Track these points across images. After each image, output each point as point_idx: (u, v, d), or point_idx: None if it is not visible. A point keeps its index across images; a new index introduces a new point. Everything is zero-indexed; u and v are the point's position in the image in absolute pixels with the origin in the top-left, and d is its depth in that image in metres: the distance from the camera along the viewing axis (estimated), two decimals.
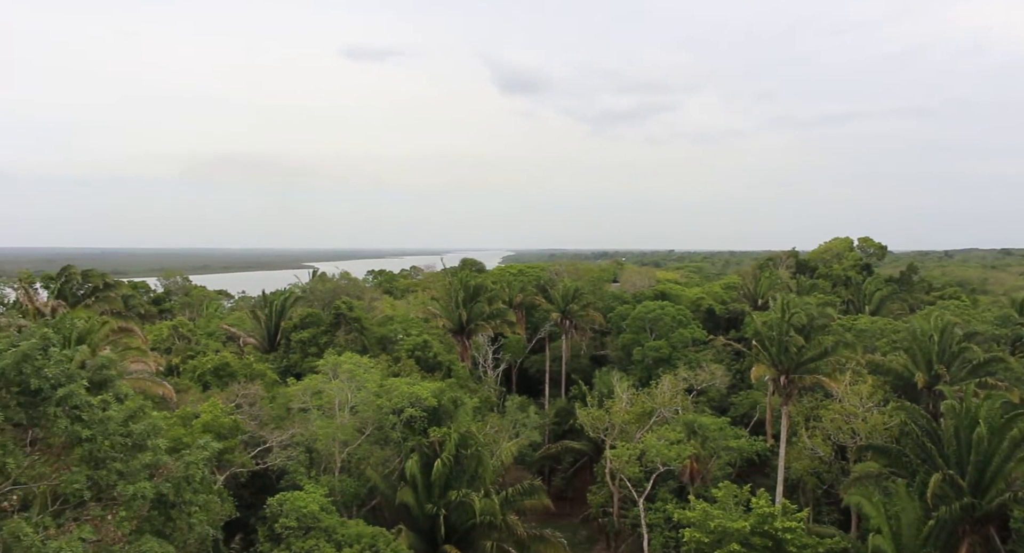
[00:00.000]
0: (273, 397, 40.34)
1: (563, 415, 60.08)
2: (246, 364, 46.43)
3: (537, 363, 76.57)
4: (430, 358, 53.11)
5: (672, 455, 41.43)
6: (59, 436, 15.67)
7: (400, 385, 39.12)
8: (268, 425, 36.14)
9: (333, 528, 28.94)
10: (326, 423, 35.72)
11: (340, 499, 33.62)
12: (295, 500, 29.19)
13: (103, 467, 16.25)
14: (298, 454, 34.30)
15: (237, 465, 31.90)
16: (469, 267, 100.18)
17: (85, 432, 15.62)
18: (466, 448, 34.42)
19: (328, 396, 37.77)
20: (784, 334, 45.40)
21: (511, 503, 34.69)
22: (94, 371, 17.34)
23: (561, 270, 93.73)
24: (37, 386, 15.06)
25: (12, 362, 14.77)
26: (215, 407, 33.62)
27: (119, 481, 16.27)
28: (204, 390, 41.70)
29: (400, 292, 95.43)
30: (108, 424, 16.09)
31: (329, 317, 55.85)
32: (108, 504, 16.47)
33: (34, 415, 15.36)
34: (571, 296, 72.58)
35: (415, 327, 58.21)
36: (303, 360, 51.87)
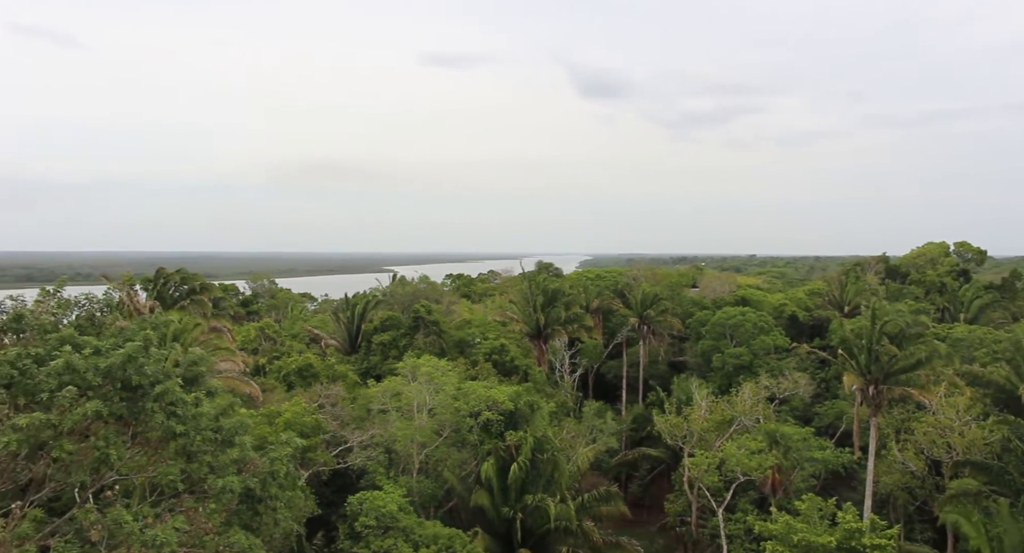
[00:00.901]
0: (354, 398, 41.27)
1: (640, 421, 59.34)
2: (328, 365, 47.71)
3: (614, 368, 75.91)
4: (507, 362, 53.34)
5: (753, 465, 40.34)
6: (156, 430, 16.49)
7: (477, 388, 39.43)
8: (349, 425, 36.99)
9: (411, 528, 29.37)
10: (405, 424, 36.30)
11: (418, 500, 34.09)
12: (374, 499, 29.78)
13: (195, 461, 17.01)
14: (377, 454, 34.97)
15: (319, 463, 32.76)
16: (546, 271, 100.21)
17: (179, 427, 16.38)
18: (542, 452, 34.39)
19: (407, 398, 38.38)
20: (874, 342, 43.62)
21: (587, 509, 34.46)
22: (187, 368, 18.17)
23: (639, 275, 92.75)
24: (138, 382, 15.91)
25: (119, 361, 15.66)
26: (298, 406, 34.67)
27: (209, 475, 17.00)
28: (288, 390, 43.05)
29: (478, 296, 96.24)
30: (200, 420, 16.83)
31: (408, 320, 56.79)
32: (199, 496, 17.23)
33: (134, 410, 16.23)
34: (649, 301, 71.69)
35: (492, 331, 58.59)
36: (383, 362, 52.87)
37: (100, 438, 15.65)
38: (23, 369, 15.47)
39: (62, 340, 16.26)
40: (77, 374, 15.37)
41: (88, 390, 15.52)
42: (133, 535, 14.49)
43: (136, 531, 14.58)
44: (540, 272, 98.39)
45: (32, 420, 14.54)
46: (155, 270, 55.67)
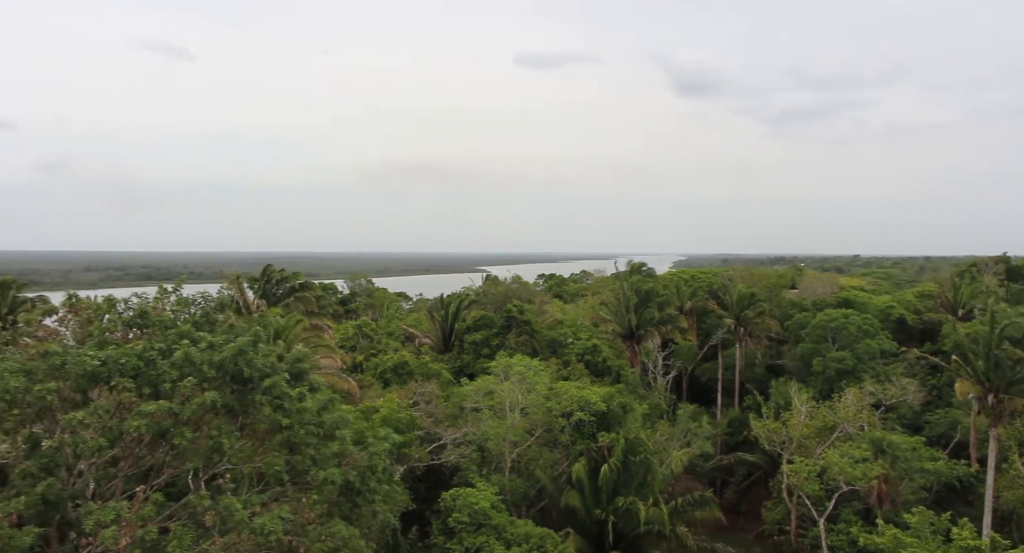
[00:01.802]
0: (447, 396, 41.91)
1: (736, 426, 57.85)
2: (423, 363, 48.63)
3: (709, 371, 74.28)
4: (599, 363, 53.02)
5: (857, 474, 38.64)
6: (263, 422, 17.31)
7: (569, 388, 39.38)
8: (443, 422, 37.60)
9: (503, 526, 29.61)
10: (497, 423, 36.63)
11: (509, 498, 34.33)
12: (467, 496, 30.18)
13: (298, 453, 17.76)
14: (470, 452, 35.42)
15: (414, 459, 33.46)
16: (639, 271, 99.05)
17: (285, 420, 17.14)
18: (635, 454, 34.02)
19: (499, 397, 38.71)
20: (993, 347, 41.01)
21: (680, 513, 33.86)
22: (291, 364, 18.97)
23: (735, 275, 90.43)
24: (248, 376, 16.77)
25: (231, 355, 16.57)
26: (393, 403, 35.53)
27: (312, 467, 17.71)
28: (384, 387, 44.11)
29: (570, 296, 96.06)
30: (304, 414, 17.56)
31: (501, 320, 57.22)
32: (302, 487, 17.97)
33: (244, 402, 17.10)
34: (746, 302, 69.80)
35: (584, 331, 58.37)
36: (475, 361, 53.43)
37: (213, 428, 16.56)
38: (148, 361, 16.55)
39: (181, 335, 17.31)
40: (195, 366, 16.34)
41: (204, 382, 16.46)
42: (243, 522, 15.27)
43: (246, 518, 15.35)
44: (633, 272, 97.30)
45: (158, 407, 15.56)
46: (261, 269, 58.22)
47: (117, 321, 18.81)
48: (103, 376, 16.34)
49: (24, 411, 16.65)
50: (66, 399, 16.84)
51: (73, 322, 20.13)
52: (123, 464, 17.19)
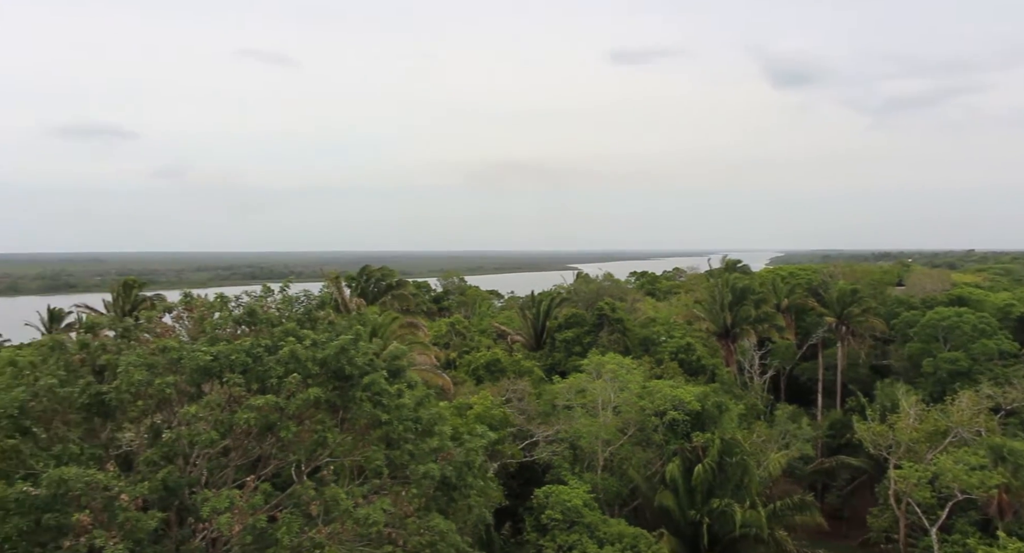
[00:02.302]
0: (539, 393, 42.11)
1: (838, 428, 55.64)
2: (515, 361, 49.04)
3: (808, 371, 71.71)
4: (693, 361, 52.12)
5: (974, 482, 36.47)
6: (362, 418, 17.96)
7: (663, 387, 38.90)
8: (535, 420, 37.83)
9: (595, 525, 29.56)
10: (589, 421, 36.57)
11: (602, 497, 34.23)
12: (560, 494, 30.28)
13: (397, 448, 18.31)
14: (562, 450, 35.50)
15: (507, 456, 33.83)
16: (734, 268, 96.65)
17: (384, 416, 17.73)
18: (730, 455, 33.29)
19: (591, 395, 38.63)
20: None
21: (779, 517, 32.92)
22: (390, 361, 19.58)
23: (836, 272, 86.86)
24: (349, 372, 17.44)
25: (333, 353, 17.29)
26: (487, 400, 36.00)
27: (410, 461, 18.23)
28: (477, 383, 44.73)
29: (662, 294, 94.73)
30: (402, 410, 18.10)
31: (592, 318, 57.06)
32: (401, 481, 18.53)
33: (344, 398, 17.80)
34: (848, 299, 67.00)
35: (678, 329, 57.49)
36: (567, 359, 53.49)
37: (317, 422, 17.31)
38: (256, 357, 17.44)
39: (286, 332, 18.14)
40: (299, 363, 17.11)
41: (308, 378, 17.22)
42: (347, 512, 15.91)
43: (349, 509, 15.99)
44: (727, 269, 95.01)
45: (266, 402, 16.39)
46: (359, 268, 60.06)
47: (228, 318, 19.87)
48: (215, 371, 17.31)
49: (146, 402, 17.84)
50: (182, 392, 17.93)
51: (187, 319, 21.41)
52: (233, 455, 18.17)
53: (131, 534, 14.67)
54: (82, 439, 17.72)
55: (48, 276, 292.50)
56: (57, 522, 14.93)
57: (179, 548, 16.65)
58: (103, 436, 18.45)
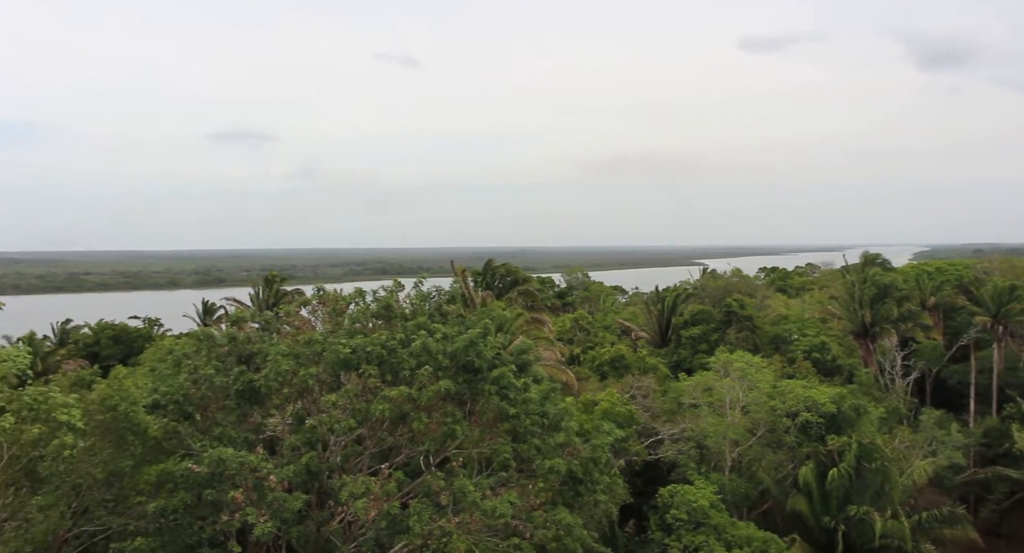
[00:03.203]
0: (665, 391, 41.53)
1: (994, 436, 51.44)
2: (639, 357, 48.54)
3: (958, 374, 66.69)
4: (828, 361, 49.83)
5: None
6: (491, 411, 18.40)
7: (795, 387, 37.40)
8: (660, 418, 37.34)
9: (723, 526, 28.86)
10: (716, 421, 35.71)
11: (730, 498, 33.35)
12: (685, 493, 29.76)
13: (524, 441, 18.62)
14: (688, 449, 34.87)
15: (632, 453, 33.59)
16: (873, 263, 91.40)
17: (511, 409, 18.08)
18: (869, 461, 31.58)
19: (718, 394, 37.71)
20: None
21: (925, 530, 30.93)
22: (516, 356, 19.93)
23: (991, 267, 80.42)
24: (478, 366, 17.92)
25: (463, 347, 17.82)
26: (612, 396, 35.84)
27: (537, 456, 18.50)
28: (601, 380, 44.62)
29: (794, 290, 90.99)
30: (528, 404, 18.40)
31: (720, 314, 55.65)
32: (527, 475, 18.84)
33: (473, 391, 18.29)
34: (1006, 297, 61.77)
35: (811, 328, 55.05)
36: (693, 356, 52.45)
37: (446, 414, 17.88)
38: (390, 350, 18.22)
39: (418, 326, 18.84)
40: (431, 356, 17.74)
41: (438, 370, 17.82)
42: (475, 503, 16.37)
43: (478, 500, 16.44)
44: (866, 264, 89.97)
45: (400, 393, 17.11)
46: (483, 263, 61.17)
47: (365, 312, 20.85)
48: (353, 363, 18.21)
49: (290, 391, 19.04)
50: (323, 382, 19.00)
51: (322, 312, 22.64)
52: (368, 443, 19.07)
53: (278, 513, 15.72)
54: (234, 424, 19.14)
55: (202, 271, 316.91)
56: (215, 498, 16.24)
57: (319, 529, 17.67)
58: (252, 421, 19.85)
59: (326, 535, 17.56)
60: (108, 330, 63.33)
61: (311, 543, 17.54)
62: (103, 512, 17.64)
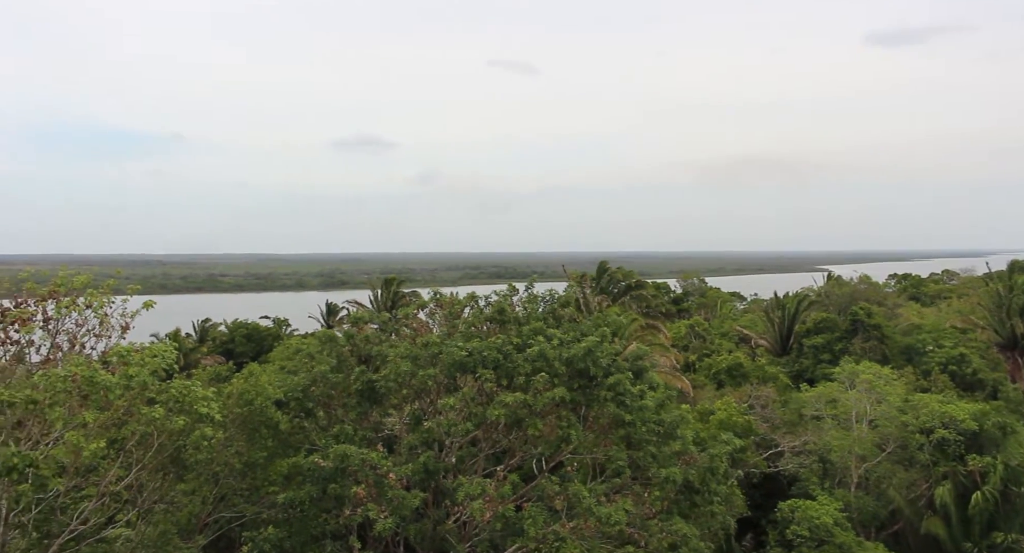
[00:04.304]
0: (785, 401, 40.06)
1: None
2: (758, 366, 47.04)
3: None
4: (967, 375, 46.56)
5: None
6: (605, 417, 18.33)
7: (930, 402, 35.10)
8: (779, 429, 36.02)
9: (849, 546, 27.47)
10: (841, 434, 34.05)
11: (856, 517, 31.69)
12: (808, 509, 28.55)
13: (639, 449, 18.42)
14: (810, 462, 33.44)
15: (750, 465, 32.55)
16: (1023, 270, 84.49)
17: (627, 416, 17.93)
18: (1018, 485, 29.25)
19: (844, 406, 35.95)
20: None
21: None
22: (632, 362, 19.75)
23: None
24: (594, 372, 17.90)
25: (580, 353, 17.88)
26: (729, 405, 34.85)
27: (652, 464, 18.26)
28: (717, 388, 43.54)
29: (929, 299, 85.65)
30: (644, 411, 18.18)
31: (845, 323, 53.22)
32: (642, 482, 18.63)
33: (588, 397, 18.28)
34: None
35: (948, 338, 51.59)
36: (815, 366, 50.38)
37: (561, 419, 17.95)
38: (506, 355, 18.50)
39: (534, 331, 19.03)
40: (547, 362, 17.87)
41: (554, 377, 17.92)
42: (589, 509, 16.35)
43: (592, 506, 16.41)
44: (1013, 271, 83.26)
45: (515, 399, 17.34)
46: (596, 268, 60.88)
47: (480, 316, 21.26)
48: (469, 366, 18.60)
49: (408, 392, 19.66)
50: (439, 384, 19.50)
51: (439, 315, 23.24)
52: (483, 445, 19.41)
53: (397, 510, 16.26)
54: (355, 422, 19.95)
55: (326, 274, 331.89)
56: (338, 493, 17.00)
57: (436, 527, 18.13)
58: (371, 420, 20.63)
59: (442, 534, 17.99)
60: (242, 329, 67.45)
61: (427, 541, 18.02)
62: (239, 500, 18.83)
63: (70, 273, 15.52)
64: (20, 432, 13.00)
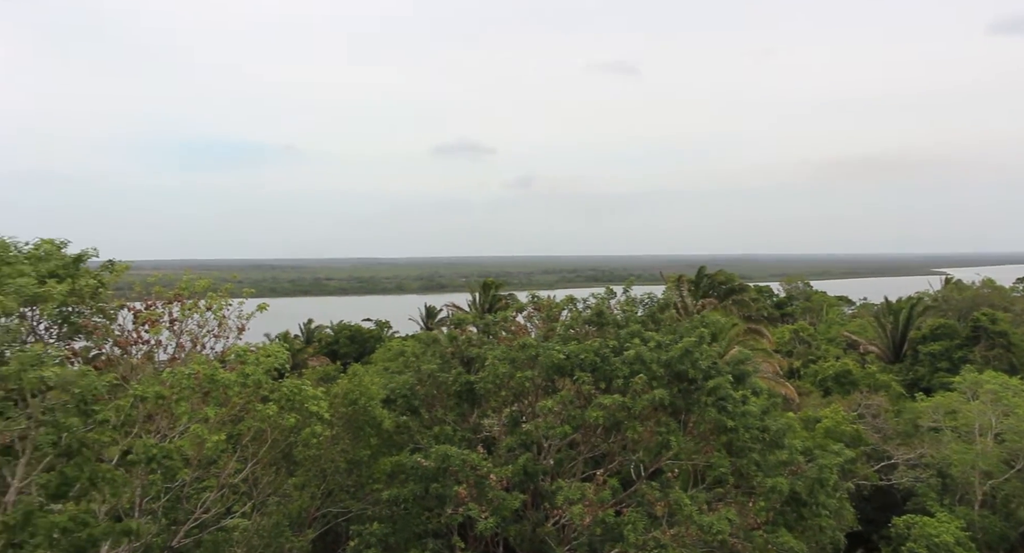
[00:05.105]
0: (898, 411, 38.14)
1: None
2: (868, 373, 44.95)
3: None
4: None
5: None
6: (706, 423, 17.96)
7: None
8: (892, 440, 34.33)
9: None
10: (963, 448, 32.04)
11: (980, 537, 29.76)
12: (925, 526, 27.04)
13: (742, 456, 17.95)
14: (928, 477, 31.65)
15: (860, 477, 31.15)
16: None
17: (729, 422, 17.53)
18: None
19: (965, 418, 33.81)
20: None
21: None
22: (734, 366, 19.28)
23: None
24: (693, 376, 17.58)
25: (677, 355, 17.61)
26: (837, 413, 33.44)
27: (756, 473, 17.75)
28: (824, 395, 41.88)
29: None
30: (747, 418, 17.72)
31: (965, 329, 50.13)
32: (745, 492, 18.13)
33: (688, 401, 17.96)
34: None
35: None
36: (932, 374, 47.72)
37: (661, 424, 17.71)
38: (603, 357, 18.43)
39: (631, 334, 18.88)
40: (644, 364, 17.70)
41: (652, 379, 17.73)
42: (691, 517, 16.06)
43: (694, 514, 16.11)
44: None
45: (613, 401, 17.26)
46: (694, 271, 59.67)
47: (578, 319, 21.27)
48: (567, 369, 18.64)
49: (507, 394, 19.87)
50: (537, 386, 19.62)
51: (536, 318, 23.36)
52: (581, 448, 19.38)
53: (498, 511, 16.47)
54: (455, 422, 20.33)
55: (425, 277, 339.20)
56: (440, 492, 17.36)
57: (535, 529, 18.23)
58: (471, 421, 20.96)
59: (541, 536, 18.07)
60: (345, 330, 69.78)
61: (527, 542, 18.14)
62: (345, 496, 19.54)
63: (192, 277, 16.51)
64: (150, 425, 13.94)
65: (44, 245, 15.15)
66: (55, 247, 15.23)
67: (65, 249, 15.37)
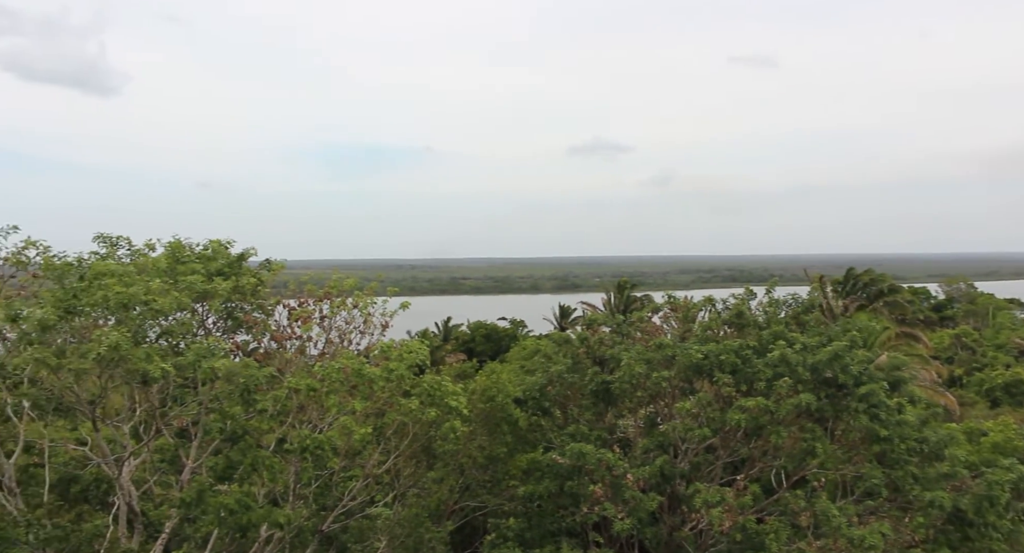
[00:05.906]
0: None
1: None
2: None
3: None
4: None
5: None
6: (856, 431, 16.95)
7: None
8: None
9: None
10: None
11: None
12: None
13: (898, 468, 16.81)
14: None
15: None
16: None
17: (883, 431, 16.45)
18: None
19: None
20: None
21: None
22: (888, 372, 18.10)
23: None
24: (842, 381, 16.65)
25: (826, 359, 16.75)
26: (1007, 427, 30.61)
27: (913, 486, 16.57)
28: (992, 407, 38.64)
29: None
30: (903, 427, 16.57)
31: None
32: (900, 506, 16.96)
33: (837, 408, 17.03)
34: None
35: None
36: None
37: (806, 430, 16.89)
38: (744, 358, 17.82)
39: (775, 335, 18.13)
40: (789, 367, 16.94)
41: (798, 383, 16.95)
42: (840, 530, 15.21)
43: (843, 526, 15.26)
44: None
45: (756, 404, 16.65)
46: (842, 271, 56.45)
47: (716, 319, 20.67)
48: (705, 369, 18.16)
49: (643, 394, 19.61)
50: (675, 387, 19.24)
51: (673, 319, 22.89)
52: (720, 452, 18.81)
53: (634, 512, 16.29)
54: (590, 422, 20.29)
55: (559, 277, 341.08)
56: (575, 490, 17.39)
57: (671, 533, 17.89)
58: (607, 420, 20.85)
59: (678, 540, 17.70)
60: (481, 329, 71.34)
61: (663, 545, 17.83)
62: (482, 491, 19.97)
63: (340, 277, 17.44)
64: (303, 415, 14.83)
65: (212, 245, 16.54)
66: (223, 247, 16.59)
67: (231, 249, 16.72)
